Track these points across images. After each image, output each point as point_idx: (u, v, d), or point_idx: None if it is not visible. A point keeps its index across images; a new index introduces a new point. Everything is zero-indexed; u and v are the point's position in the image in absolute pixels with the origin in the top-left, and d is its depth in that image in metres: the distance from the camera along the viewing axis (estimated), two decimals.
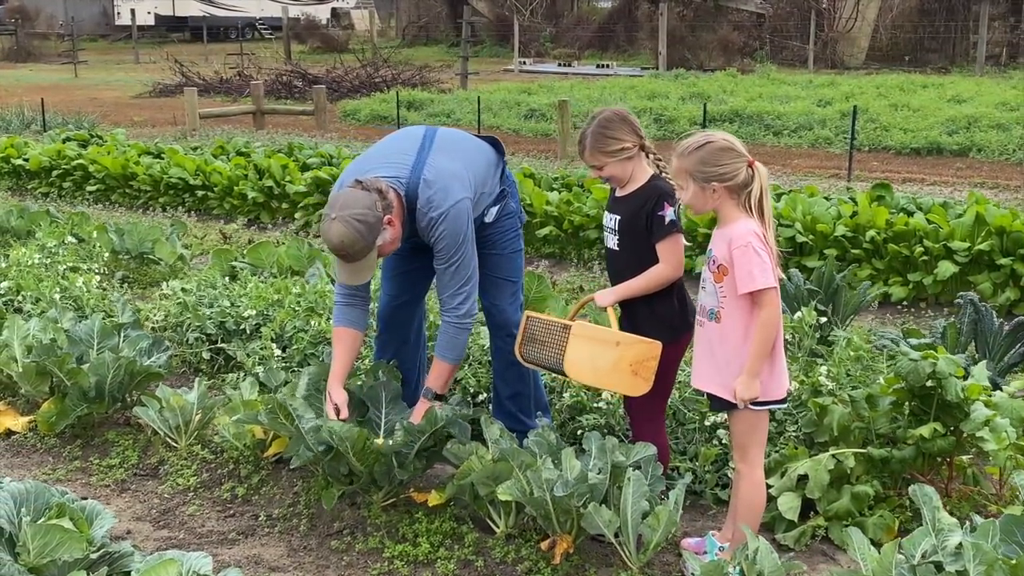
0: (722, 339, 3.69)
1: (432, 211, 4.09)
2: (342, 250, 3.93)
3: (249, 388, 5.02)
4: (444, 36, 45.36)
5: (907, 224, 7.49)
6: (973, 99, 18.60)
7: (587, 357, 3.88)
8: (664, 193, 3.90)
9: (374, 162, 4.25)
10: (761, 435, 3.80)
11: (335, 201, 3.97)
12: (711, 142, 3.60)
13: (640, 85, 23.53)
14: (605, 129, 3.91)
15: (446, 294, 4.24)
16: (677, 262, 3.94)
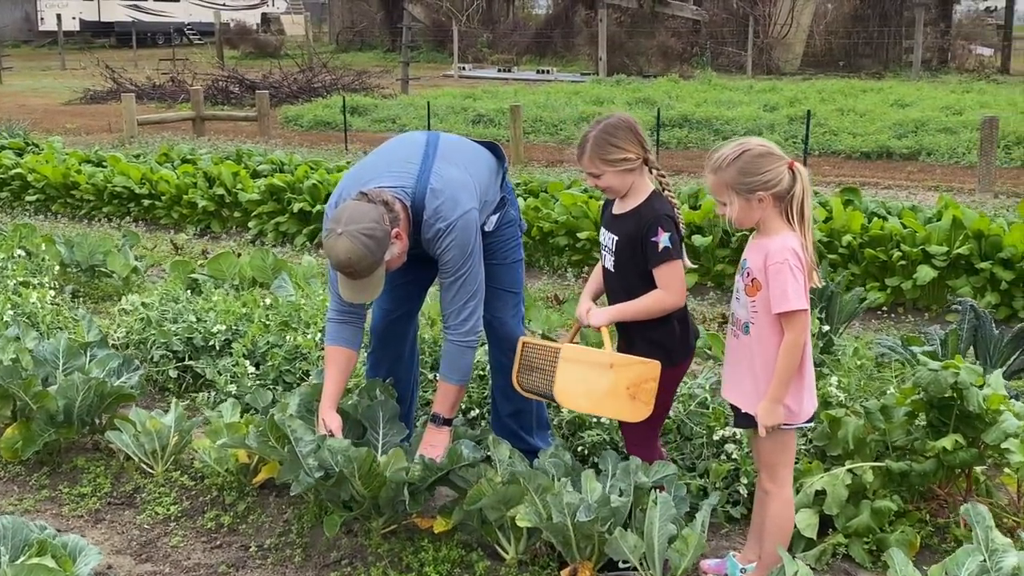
0: (754, 354, 3.52)
1: (440, 222, 3.87)
2: (349, 267, 3.68)
3: (231, 409, 4.75)
4: (379, 41, 44.95)
5: (883, 228, 7.44)
6: (916, 103, 18.82)
7: (580, 382, 3.66)
8: (660, 217, 3.68)
9: (375, 171, 4.01)
10: (790, 454, 3.64)
11: (340, 215, 3.72)
12: (748, 149, 3.41)
13: (584, 91, 23.48)
14: (609, 136, 3.68)
15: (451, 310, 4.01)
16: (678, 290, 3.71)
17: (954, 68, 32.19)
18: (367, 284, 3.78)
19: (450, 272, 3.95)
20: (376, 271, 3.75)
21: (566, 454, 3.92)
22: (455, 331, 4.03)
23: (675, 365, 3.85)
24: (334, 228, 3.69)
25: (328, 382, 4.13)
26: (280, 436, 4.08)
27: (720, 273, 7.85)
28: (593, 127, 3.75)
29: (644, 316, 3.74)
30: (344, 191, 3.99)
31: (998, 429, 3.95)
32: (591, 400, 3.71)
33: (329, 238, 3.71)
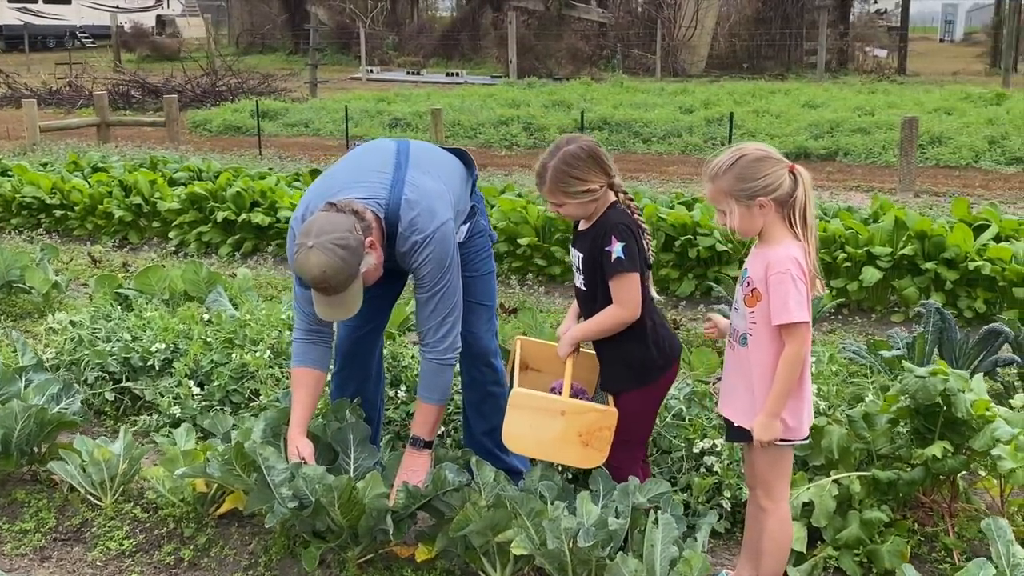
0: (752, 366, 3.39)
1: (416, 234, 3.67)
2: (324, 282, 3.46)
3: (185, 435, 4.47)
4: (281, 44, 44.23)
5: (825, 230, 7.43)
6: (826, 104, 19.14)
7: (528, 429, 3.55)
8: (614, 225, 3.53)
9: (344, 182, 3.79)
10: (787, 470, 3.52)
11: (309, 228, 3.49)
12: (744, 154, 3.28)
13: (498, 93, 23.36)
14: (570, 167, 3.51)
15: (428, 327, 3.82)
16: (631, 302, 3.56)
17: (853, 70, 32.97)
18: (344, 299, 3.55)
19: (427, 287, 3.76)
20: (352, 284, 3.53)
21: (556, 475, 3.75)
22: (433, 348, 3.83)
23: (655, 382, 3.71)
24: (304, 242, 3.46)
25: (297, 405, 3.90)
26: (246, 464, 3.85)
27: (665, 278, 7.76)
28: (552, 155, 3.55)
29: (604, 334, 3.62)
30: (311, 204, 3.76)
31: (986, 435, 3.89)
32: (540, 447, 3.60)
33: (299, 253, 3.48)
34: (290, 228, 3.82)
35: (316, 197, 3.76)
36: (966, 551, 3.98)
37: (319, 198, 3.72)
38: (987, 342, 4.97)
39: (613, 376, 3.68)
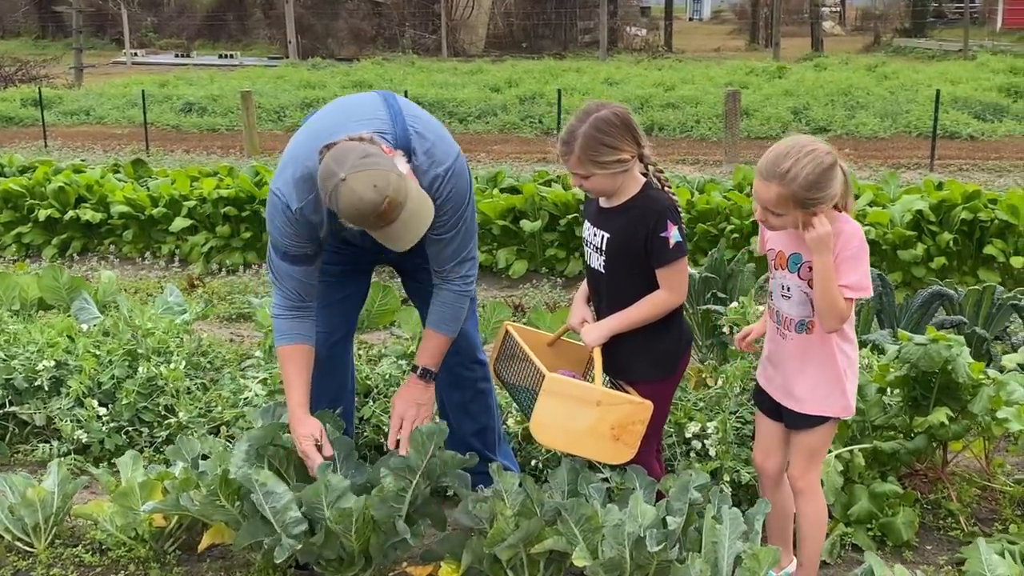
0: (816, 352, 3.22)
1: (437, 166, 3.25)
2: (383, 200, 2.92)
3: (131, 465, 3.91)
4: (24, 28, 41.14)
5: (709, 203, 7.46)
6: (625, 81, 19.49)
7: (560, 419, 3.24)
8: (667, 209, 3.26)
9: (334, 126, 3.24)
10: (827, 446, 3.41)
11: (326, 170, 2.97)
12: (821, 163, 3.01)
13: (287, 75, 22.56)
14: (603, 134, 3.17)
15: (450, 264, 3.44)
16: (682, 288, 3.34)
17: (623, 48, 33.90)
18: (413, 217, 3.04)
19: (447, 226, 3.35)
20: (409, 191, 3.02)
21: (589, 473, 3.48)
22: (458, 282, 3.49)
23: (674, 372, 3.51)
24: (333, 176, 2.93)
25: (293, 385, 3.46)
26: (231, 493, 3.39)
27: (551, 258, 7.59)
28: (581, 120, 3.22)
29: (644, 323, 3.34)
30: (300, 160, 3.24)
31: (983, 398, 3.92)
32: (569, 438, 3.28)
33: (339, 194, 2.93)
34: (275, 195, 3.30)
35: (304, 151, 3.24)
36: (971, 516, 4.00)
37: (309, 151, 3.20)
38: (930, 305, 5.05)
39: (636, 366, 3.41)
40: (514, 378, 3.58)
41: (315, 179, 3.11)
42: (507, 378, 3.62)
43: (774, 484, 3.48)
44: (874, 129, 14.80)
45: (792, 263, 3.23)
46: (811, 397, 3.25)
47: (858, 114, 15.58)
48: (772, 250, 3.31)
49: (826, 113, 15.62)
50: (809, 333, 3.21)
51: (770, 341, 3.41)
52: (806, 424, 3.29)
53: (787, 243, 3.25)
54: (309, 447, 3.40)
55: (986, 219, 6.98)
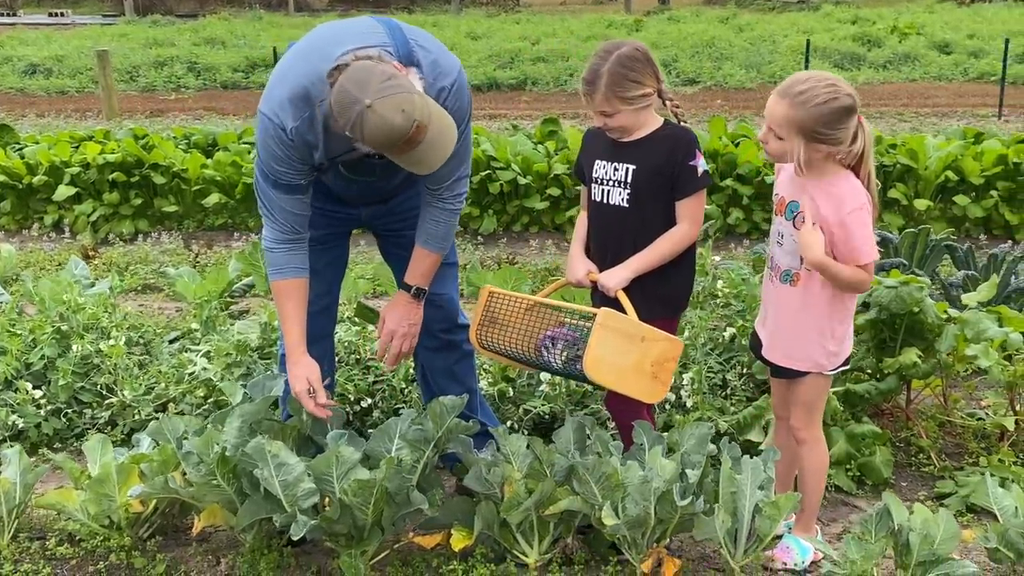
0: (798, 306, 3.23)
1: (443, 79, 3.09)
2: (413, 124, 2.77)
3: (99, 449, 3.67)
4: None
5: None
6: (488, 35, 19.32)
7: (612, 353, 3.16)
8: (694, 139, 3.30)
9: (331, 42, 3.03)
10: (826, 396, 3.44)
11: (344, 95, 2.78)
12: (837, 98, 2.99)
13: (132, 33, 21.60)
14: (628, 70, 3.16)
15: (447, 182, 3.31)
16: (700, 221, 3.35)
17: (471, 2, 33.65)
18: (439, 136, 2.88)
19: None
20: (432, 110, 2.86)
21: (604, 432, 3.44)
22: (454, 200, 3.38)
23: (680, 312, 3.52)
24: (356, 102, 2.75)
25: (291, 321, 3.30)
26: (228, 472, 3.22)
27: (466, 216, 7.48)
28: (604, 59, 3.18)
29: (666, 260, 3.32)
30: (291, 79, 3.02)
31: (948, 337, 4.04)
32: (617, 375, 3.22)
33: (365, 121, 2.76)
34: (267, 118, 3.07)
35: (296, 69, 3.03)
36: (941, 451, 4.14)
37: (302, 69, 3.01)
38: None
39: (650, 304, 3.34)
40: (499, 343, 3.48)
41: (310, 97, 2.97)
42: (491, 344, 3.51)
43: (788, 429, 3.49)
44: (741, 80, 15.12)
45: (789, 211, 3.22)
46: (789, 349, 3.26)
47: (724, 66, 15.88)
48: (777, 195, 3.31)
49: (694, 65, 15.87)
50: (793, 285, 3.20)
51: (763, 288, 3.42)
52: (786, 375, 3.32)
53: (789, 189, 3.25)
54: (303, 391, 3.27)
55: (889, 164, 7.21)
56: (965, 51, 16.49)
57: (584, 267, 3.44)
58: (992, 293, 4.20)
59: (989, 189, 7.11)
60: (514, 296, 3.46)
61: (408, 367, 4.37)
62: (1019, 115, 12.53)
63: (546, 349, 3.36)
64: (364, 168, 3.28)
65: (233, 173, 7.82)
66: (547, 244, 7.38)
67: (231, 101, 15.03)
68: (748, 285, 4.75)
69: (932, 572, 3.06)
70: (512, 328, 3.40)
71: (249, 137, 9.07)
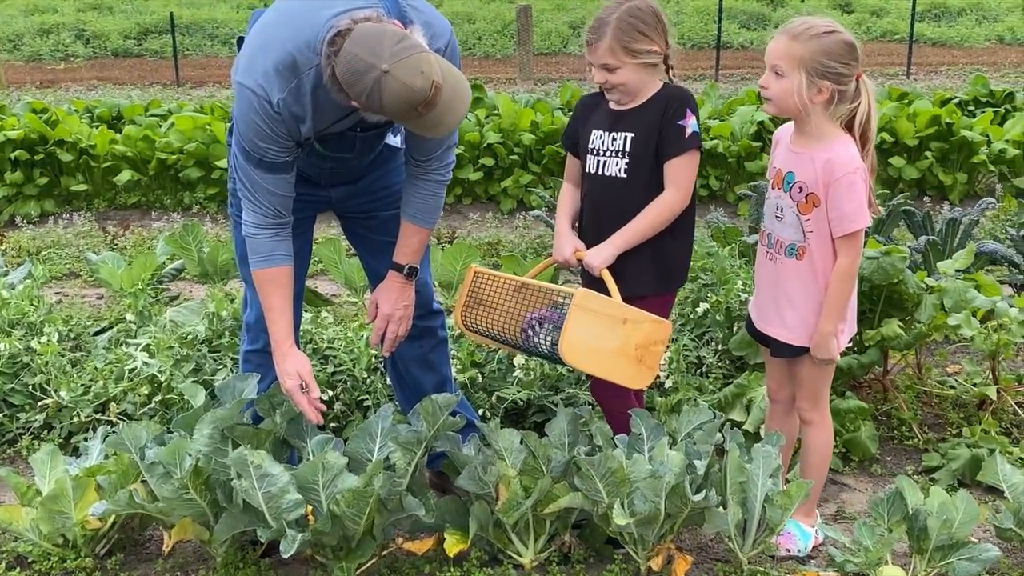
0: (805, 279, 3.09)
1: (438, 39, 2.87)
2: (433, 84, 2.58)
3: (49, 462, 3.35)
4: None
5: (554, 123, 7.27)
6: None
7: (591, 336, 2.98)
8: (685, 97, 3.11)
9: (318, 6, 2.78)
10: (831, 375, 3.32)
11: (356, 58, 2.56)
12: (837, 32, 2.91)
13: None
14: (638, 21, 2.99)
15: (437, 152, 3.10)
16: (688, 186, 3.14)
17: None
18: (455, 95, 2.68)
19: None
20: (441, 63, 2.66)
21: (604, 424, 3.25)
22: (443, 171, 3.16)
23: (672, 292, 3.34)
24: (372, 68, 2.54)
25: (277, 312, 3.06)
26: (200, 484, 2.97)
27: None
28: (613, 10, 3.00)
29: (655, 231, 3.13)
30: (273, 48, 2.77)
31: (927, 307, 3.97)
32: (598, 359, 3.03)
33: (384, 88, 2.56)
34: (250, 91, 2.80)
35: (279, 37, 2.78)
36: (922, 423, 4.08)
37: (285, 37, 2.76)
38: None
39: (644, 278, 3.17)
40: (485, 324, 3.28)
41: (298, 66, 2.74)
42: (476, 326, 3.31)
43: (784, 412, 3.37)
44: None
45: (786, 182, 3.08)
46: (799, 326, 3.12)
47: None
48: (774, 167, 3.17)
49: None
50: (799, 259, 3.07)
51: (759, 266, 3.27)
52: (790, 353, 3.18)
53: (785, 160, 3.11)
54: (294, 387, 3.02)
55: None
56: (866, 10, 16.68)
57: (571, 245, 3.23)
58: (970, 260, 4.14)
59: (923, 150, 7.12)
60: (500, 276, 3.26)
61: (369, 355, 4.12)
62: (927, 73, 12.71)
63: (532, 331, 3.15)
64: (342, 144, 3.04)
65: (145, 148, 7.38)
66: (486, 216, 7.15)
67: (125, 70, 14.40)
68: (718, 258, 4.61)
69: (952, 557, 2.98)
70: (498, 309, 3.20)
71: (156, 109, 8.62)
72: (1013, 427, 4.04)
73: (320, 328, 4.32)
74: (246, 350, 3.43)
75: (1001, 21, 16.04)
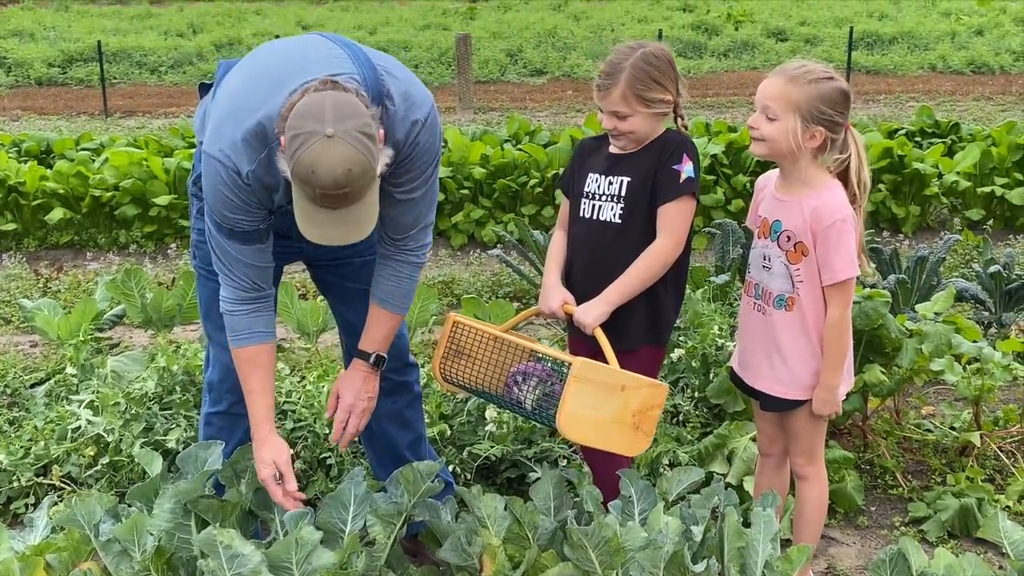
0: (796, 331, 2.97)
1: (415, 111, 2.68)
2: (346, 185, 2.39)
3: None
4: None
5: (505, 157, 7.11)
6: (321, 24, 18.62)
7: (588, 407, 2.80)
8: (683, 142, 2.98)
9: (288, 67, 2.60)
10: (825, 428, 3.20)
11: (319, 111, 2.38)
12: (835, 79, 2.83)
13: None
14: (653, 68, 2.88)
15: (412, 231, 2.90)
16: (682, 234, 3.00)
17: None
18: (362, 212, 2.51)
19: (417, 184, 2.80)
20: (371, 190, 2.50)
21: (593, 488, 3.08)
22: (412, 250, 2.95)
23: (666, 339, 3.21)
24: (317, 131, 2.35)
25: (257, 395, 2.85)
26: (163, 564, 2.75)
27: None
28: (626, 54, 2.89)
29: (647, 284, 2.99)
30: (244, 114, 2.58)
31: (908, 352, 3.88)
32: (595, 430, 2.85)
33: (311, 148, 2.36)
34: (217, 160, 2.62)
35: (250, 102, 2.59)
36: (906, 471, 3.98)
37: (257, 102, 2.57)
38: None
39: (634, 331, 3.04)
40: (464, 377, 3.10)
41: (267, 135, 2.54)
42: (454, 378, 3.13)
43: (775, 467, 3.25)
44: (589, 71, 14.97)
45: (773, 231, 2.97)
46: (791, 380, 3.00)
47: (570, 56, 15.73)
48: (759, 216, 3.05)
49: (541, 55, 15.66)
50: (788, 310, 2.96)
51: (745, 317, 3.14)
52: (782, 407, 3.06)
53: (771, 209, 3.01)
54: (269, 477, 2.80)
55: None
56: (800, 38, 16.88)
57: (559, 297, 3.07)
58: (949, 303, 4.06)
59: (876, 183, 7.10)
60: (481, 328, 3.09)
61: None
62: (865, 102, 12.84)
63: (516, 385, 2.99)
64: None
65: (78, 185, 7.06)
66: (438, 253, 6.97)
67: (49, 99, 13.95)
68: (691, 301, 4.48)
69: None
70: (480, 361, 3.05)
71: (87, 142, 8.29)
72: (996, 472, 3.95)
73: (277, 380, 4.08)
74: (208, 412, 3.20)
75: (932, 49, 16.34)
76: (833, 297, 2.90)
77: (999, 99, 13.79)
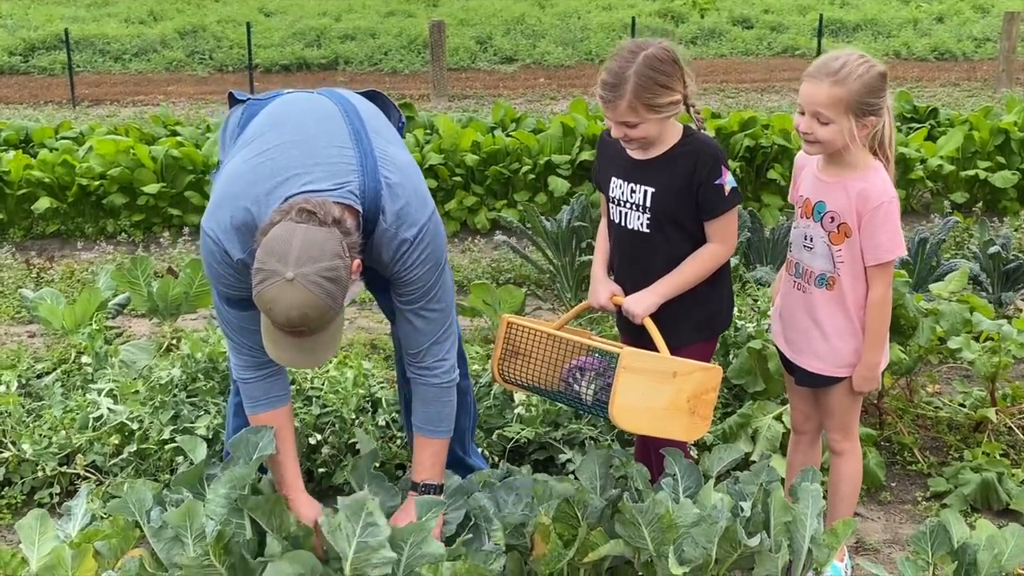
0: (836, 309, 3.03)
1: (406, 230, 2.72)
2: (301, 324, 2.47)
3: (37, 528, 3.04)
4: None
5: (496, 143, 7.12)
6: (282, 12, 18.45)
7: (641, 396, 2.86)
8: (719, 155, 3.00)
9: (296, 164, 2.66)
10: (859, 407, 3.27)
11: (284, 250, 2.43)
12: (872, 64, 2.87)
13: None
14: (658, 73, 2.83)
15: (424, 347, 2.94)
16: (734, 239, 3.09)
17: None
18: (322, 341, 2.58)
19: (419, 296, 2.86)
20: (335, 322, 2.59)
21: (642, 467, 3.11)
22: (436, 371, 2.98)
23: (717, 334, 3.29)
24: (279, 271, 2.41)
25: (282, 465, 2.94)
26: (220, 550, 2.75)
27: None
28: (629, 60, 2.83)
29: (696, 283, 3.04)
30: (251, 197, 2.65)
31: (925, 330, 3.95)
32: (652, 418, 2.91)
33: (270, 287, 2.43)
34: (209, 237, 2.71)
35: (258, 189, 2.65)
36: (923, 447, 4.05)
37: (264, 192, 2.63)
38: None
39: (684, 329, 3.08)
40: (523, 376, 3.14)
41: (255, 231, 2.58)
42: (513, 377, 3.17)
43: (809, 444, 3.33)
44: (559, 58, 15.02)
45: (816, 212, 3.02)
46: (830, 356, 3.07)
47: (539, 43, 15.72)
48: (801, 196, 3.10)
49: (510, 43, 15.64)
50: (829, 289, 3.02)
51: (786, 296, 3.20)
52: (820, 383, 3.13)
53: (814, 190, 3.06)
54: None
55: (767, 144, 7.19)
56: (765, 26, 16.99)
57: (607, 290, 3.13)
58: (963, 283, 4.15)
59: None
60: (535, 327, 3.11)
61: (357, 394, 3.92)
62: None
63: (574, 380, 3.04)
64: None
65: (64, 174, 6.98)
66: None
67: (13, 88, 13.73)
68: None
69: None
70: (536, 359, 3.08)
71: (66, 131, 8.18)
72: (1010, 448, 4.04)
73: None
74: (236, 400, 3.22)
75: (896, 36, 16.53)
76: (876, 277, 2.96)
77: (965, 85, 14.02)
